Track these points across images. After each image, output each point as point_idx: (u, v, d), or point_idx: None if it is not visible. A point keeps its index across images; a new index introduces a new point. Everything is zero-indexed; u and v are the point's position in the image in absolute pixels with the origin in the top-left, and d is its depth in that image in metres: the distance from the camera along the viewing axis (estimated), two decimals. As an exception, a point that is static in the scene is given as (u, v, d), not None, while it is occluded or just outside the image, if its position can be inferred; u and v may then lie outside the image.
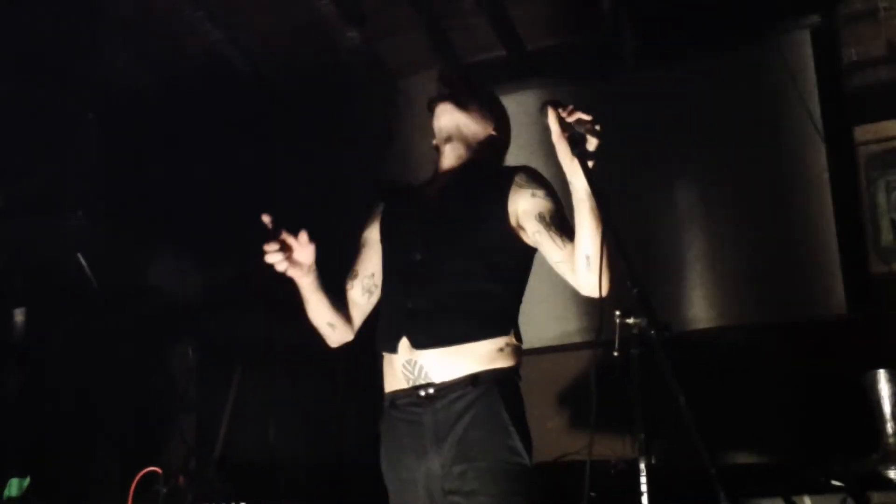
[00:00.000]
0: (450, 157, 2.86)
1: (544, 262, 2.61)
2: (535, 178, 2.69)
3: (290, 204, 5.58)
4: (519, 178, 2.67)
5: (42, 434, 4.09)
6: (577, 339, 4.76)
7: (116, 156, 4.67)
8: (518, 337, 2.57)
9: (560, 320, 4.89)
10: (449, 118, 2.87)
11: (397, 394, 2.56)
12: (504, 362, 2.50)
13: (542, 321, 5.04)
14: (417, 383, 2.48)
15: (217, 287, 5.24)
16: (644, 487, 2.18)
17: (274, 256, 2.75)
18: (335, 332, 2.86)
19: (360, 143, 5.69)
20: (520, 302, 2.64)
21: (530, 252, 2.63)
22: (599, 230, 2.29)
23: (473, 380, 2.44)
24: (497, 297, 2.54)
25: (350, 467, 5.09)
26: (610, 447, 3.90)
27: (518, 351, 2.56)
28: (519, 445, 2.43)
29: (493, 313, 2.53)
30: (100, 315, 4.48)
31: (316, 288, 2.80)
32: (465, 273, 2.53)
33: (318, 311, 2.82)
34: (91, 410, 4.37)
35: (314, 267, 2.80)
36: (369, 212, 3.00)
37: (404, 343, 2.52)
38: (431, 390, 2.46)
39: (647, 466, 2.17)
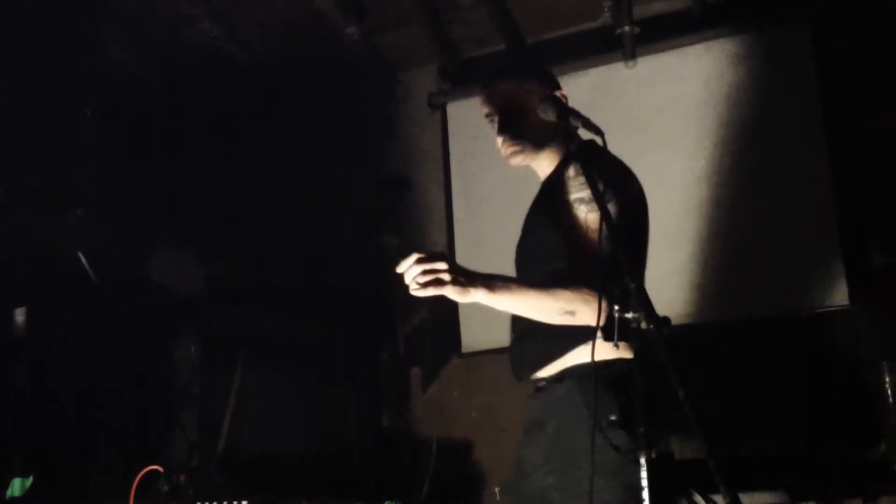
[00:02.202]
0: None
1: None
2: None
3: (289, 197, 5.60)
4: None
5: (44, 432, 4.09)
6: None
7: (116, 150, 4.66)
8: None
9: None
10: None
11: None
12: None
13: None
14: None
15: (218, 281, 5.24)
16: (645, 482, 2.16)
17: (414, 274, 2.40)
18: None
19: (360, 136, 5.69)
20: None
21: None
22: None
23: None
24: None
25: (354, 461, 5.10)
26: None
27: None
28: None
29: None
30: (101, 311, 4.47)
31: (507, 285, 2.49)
32: None
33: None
34: (92, 407, 4.37)
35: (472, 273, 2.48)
36: None
37: None
38: None
39: (647, 460, 2.16)
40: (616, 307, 2.17)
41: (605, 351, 2.37)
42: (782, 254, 4.66)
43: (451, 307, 5.30)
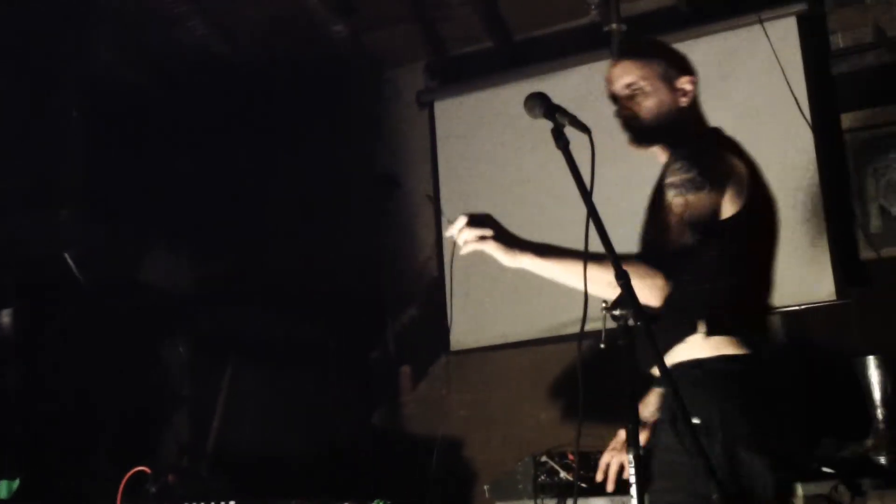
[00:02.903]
0: None
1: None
2: None
3: (278, 197, 5.59)
4: None
5: (33, 433, 4.08)
6: (566, 331, 4.77)
7: (104, 150, 4.65)
8: None
9: (549, 312, 4.90)
10: None
11: None
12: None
13: (532, 313, 5.05)
14: None
15: (209, 282, 5.23)
16: (633, 479, 2.17)
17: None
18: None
19: (348, 134, 5.69)
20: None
21: None
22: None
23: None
24: None
25: (344, 460, 5.09)
26: (601, 438, 3.90)
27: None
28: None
29: None
30: (90, 312, 4.46)
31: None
32: None
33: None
34: (82, 409, 4.36)
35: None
36: None
37: None
38: None
39: (635, 457, 2.16)
40: (603, 304, 2.17)
41: (698, 349, 2.41)
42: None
43: (439, 305, 5.31)
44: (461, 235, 2.41)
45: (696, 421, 2.32)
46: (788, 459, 2.44)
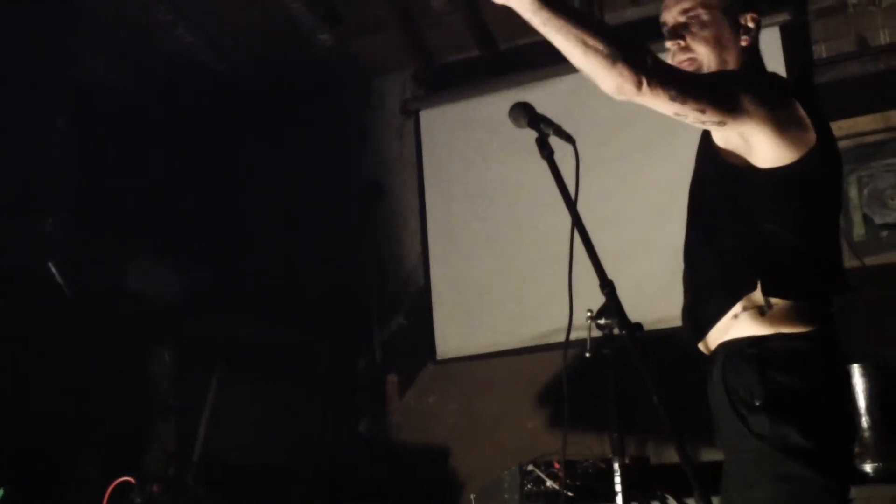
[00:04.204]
0: None
1: (517, 266, 2.61)
2: None
3: (265, 205, 5.59)
4: None
5: (19, 443, 4.06)
6: (552, 339, 4.78)
7: (90, 159, 4.64)
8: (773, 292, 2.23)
9: (535, 321, 4.91)
10: None
11: None
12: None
13: (518, 322, 5.06)
14: None
15: (195, 290, 5.22)
16: (619, 487, 2.18)
17: None
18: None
19: (334, 143, 5.70)
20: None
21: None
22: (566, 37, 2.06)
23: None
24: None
25: (331, 469, 5.09)
26: (587, 446, 3.92)
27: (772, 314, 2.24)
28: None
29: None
30: (76, 321, 4.45)
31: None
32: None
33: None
34: (68, 418, 4.34)
35: None
36: None
37: None
38: None
39: (620, 466, 2.17)
40: (588, 313, 2.18)
41: (749, 326, 2.24)
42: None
43: (426, 314, 5.33)
44: None
45: (756, 403, 2.16)
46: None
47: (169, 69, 5.32)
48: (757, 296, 2.25)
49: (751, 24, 2.45)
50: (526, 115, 2.37)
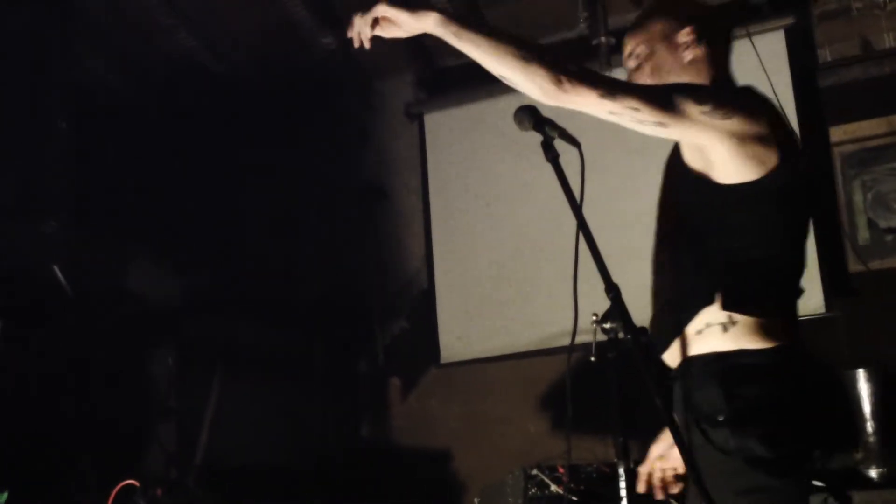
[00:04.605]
0: None
1: (521, 269, 2.59)
2: None
3: (266, 207, 5.58)
4: None
5: (21, 447, 4.05)
6: (556, 343, 4.77)
7: (90, 159, 4.63)
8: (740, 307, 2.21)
9: (538, 324, 4.90)
10: None
11: None
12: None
13: (522, 326, 5.05)
14: None
15: (196, 292, 5.21)
16: (623, 492, 2.16)
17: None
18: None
19: (337, 145, 5.69)
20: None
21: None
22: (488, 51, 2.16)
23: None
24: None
25: (333, 471, 5.07)
26: (591, 451, 3.90)
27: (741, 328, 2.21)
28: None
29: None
30: (77, 323, 4.44)
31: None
32: None
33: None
34: (70, 421, 4.33)
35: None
36: None
37: None
38: None
39: (625, 470, 2.16)
40: (593, 317, 2.17)
41: (712, 342, 2.22)
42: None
43: (429, 317, 5.31)
44: (355, 31, 2.22)
45: (720, 419, 2.15)
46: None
47: (169, 70, 5.31)
48: (720, 312, 2.24)
49: (687, 39, 2.46)
50: (531, 117, 2.36)
